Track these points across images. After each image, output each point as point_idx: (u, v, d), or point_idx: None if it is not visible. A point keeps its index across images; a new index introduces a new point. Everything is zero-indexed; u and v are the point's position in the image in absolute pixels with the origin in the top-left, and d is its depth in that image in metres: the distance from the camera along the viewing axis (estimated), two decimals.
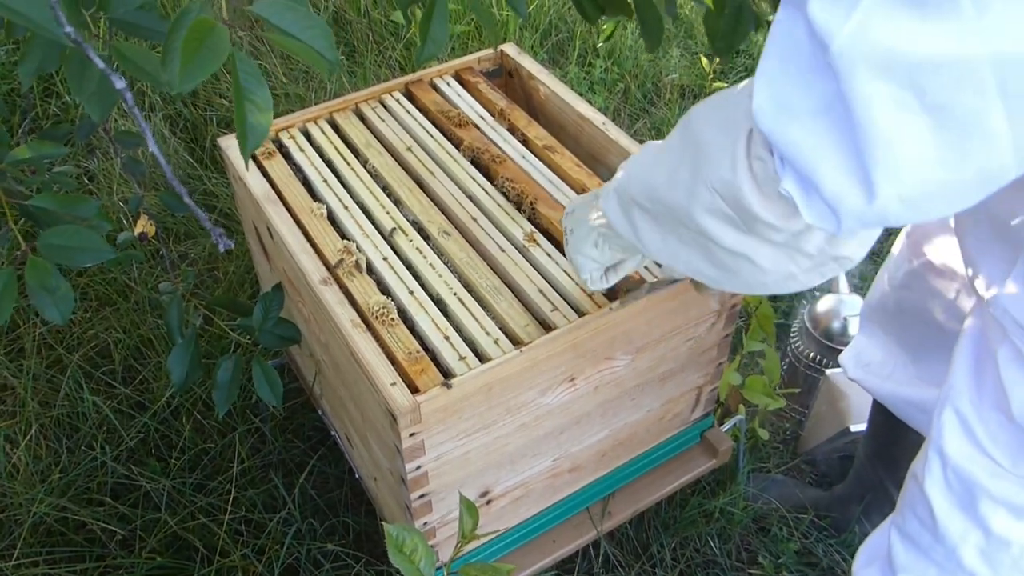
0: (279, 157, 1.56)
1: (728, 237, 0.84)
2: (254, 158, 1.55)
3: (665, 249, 0.97)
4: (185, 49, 0.69)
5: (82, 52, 0.98)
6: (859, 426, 1.85)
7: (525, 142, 1.59)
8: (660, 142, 0.97)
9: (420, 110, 1.67)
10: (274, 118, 1.63)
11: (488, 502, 1.39)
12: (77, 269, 2.10)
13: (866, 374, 1.57)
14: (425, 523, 1.33)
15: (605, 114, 1.60)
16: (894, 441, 1.66)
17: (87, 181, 2.39)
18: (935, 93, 0.61)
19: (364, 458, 1.53)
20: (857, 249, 0.82)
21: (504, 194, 1.48)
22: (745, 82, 0.82)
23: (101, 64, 0.61)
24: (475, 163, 1.55)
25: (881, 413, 1.67)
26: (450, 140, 1.60)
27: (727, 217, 0.82)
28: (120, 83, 0.61)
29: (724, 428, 1.73)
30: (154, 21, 1.02)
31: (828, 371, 1.93)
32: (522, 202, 1.45)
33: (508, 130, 1.61)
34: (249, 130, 0.75)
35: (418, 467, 1.23)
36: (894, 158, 0.64)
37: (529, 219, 1.44)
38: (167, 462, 1.79)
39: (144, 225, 1.68)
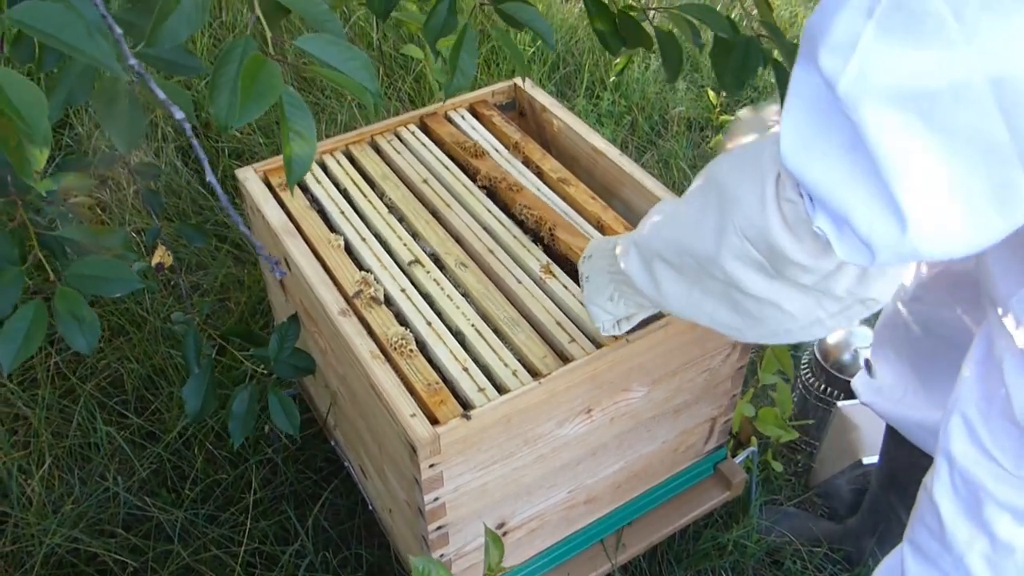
0: (296, 188, 1.57)
1: (756, 284, 0.86)
2: (271, 189, 1.56)
3: (688, 303, 0.99)
4: (243, 85, 0.71)
5: (119, 84, 0.99)
6: (871, 458, 1.85)
7: (540, 174, 1.60)
8: (677, 199, 1.00)
9: (435, 142, 1.68)
10: None
11: (504, 534, 1.39)
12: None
13: (878, 398, 1.58)
14: (442, 555, 1.33)
15: (612, 146, 1.62)
16: (907, 470, 1.66)
17: (99, 211, 2.40)
18: (940, 117, 0.66)
19: (379, 490, 1.53)
20: (884, 289, 0.83)
21: (522, 221, 1.49)
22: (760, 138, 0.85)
23: (162, 95, 0.62)
24: (492, 192, 1.56)
25: (894, 441, 1.67)
26: (466, 171, 1.61)
27: (756, 263, 0.84)
28: (179, 114, 0.63)
29: (737, 460, 1.73)
30: (186, 56, 1.04)
31: (839, 403, 1.94)
32: (540, 229, 1.47)
33: (523, 163, 1.63)
34: (295, 160, 0.76)
35: (436, 498, 1.23)
36: (915, 184, 0.67)
37: (548, 245, 1.46)
38: (179, 493, 1.79)
39: (161, 255, 1.69)
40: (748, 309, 0.91)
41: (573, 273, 1.40)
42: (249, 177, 1.58)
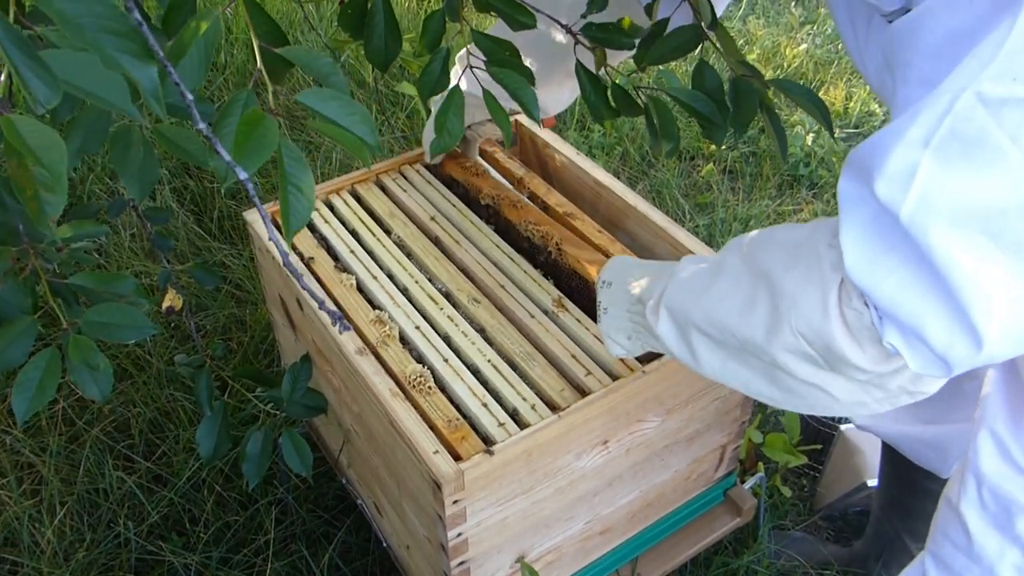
0: (304, 229, 1.59)
1: (804, 371, 0.88)
2: (279, 230, 1.57)
3: (724, 371, 1.00)
4: (237, 141, 0.73)
5: (134, 132, 1.01)
6: (875, 480, 1.87)
7: (546, 209, 1.63)
8: (707, 265, 1.01)
9: (441, 180, 1.71)
10: None
11: None
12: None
13: (873, 420, 1.60)
14: None
15: (616, 179, 1.65)
16: (906, 492, 1.68)
17: (97, 255, 2.41)
18: (1008, 235, 0.70)
19: (395, 526, 1.53)
20: (936, 384, 0.86)
21: (529, 237, 1.51)
22: (811, 225, 0.89)
23: (228, 157, 0.64)
24: (495, 210, 1.58)
25: (890, 464, 1.70)
26: (468, 192, 1.63)
27: (808, 356, 0.86)
28: (243, 175, 0.64)
29: (746, 486, 1.75)
30: (206, 111, 1.06)
31: (842, 426, 1.96)
32: (548, 244, 1.48)
33: (528, 198, 1.65)
34: (293, 214, 0.77)
35: (459, 534, 1.24)
36: (988, 300, 0.71)
37: (555, 261, 1.47)
38: (191, 536, 1.78)
39: (172, 299, 1.70)
40: (790, 387, 0.92)
41: (583, 306, 1.42)
42: (257, 219, 1.59)
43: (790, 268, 0.87)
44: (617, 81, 1.20)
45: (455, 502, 1.19)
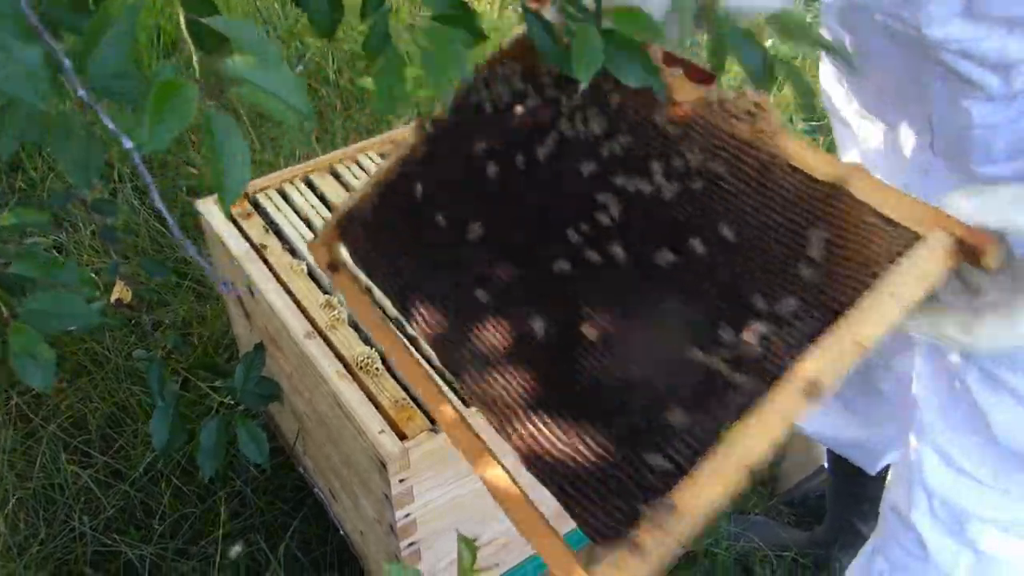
0: (256, 217, 1.59)
1: None
2: (230, 217, 1.57)
3: None
4: (153, 109, 0.73)
5: (75, 118, 1.01)
6: None
7: None
8: None
9: None
10: (250, 180, 1.66)
11: (477, 548, 1.39)
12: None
13: (807, 422, 1.62)
14: (418, 572, 1.33)
15: None
16: (852, 483, 1.70)
17: (55, 252, 2.39)
18: None
19: (349, 512, 1.53)
20: None
21: None
22: None
23: (112, 124, 0.63)
24: None
25: (831, 456, 1.71)
26: None
27: None
28: (128, 143, 0.64)
29: None
30: (130, 86, 1.05)
31: None
32: None
33: None
34: (227, 181, 0.77)
35: (407, 515, 1.24)
36: None
37: None
38: (148, 530, 1.77)
39: (120, 291, 1.70)
40: None
41: None
42: (210, 210, 1.59)
43: None
44: None
45: (401, 481, 1.19)
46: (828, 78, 1.18)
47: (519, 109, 0.92)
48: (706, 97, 0.79)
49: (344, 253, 0.99)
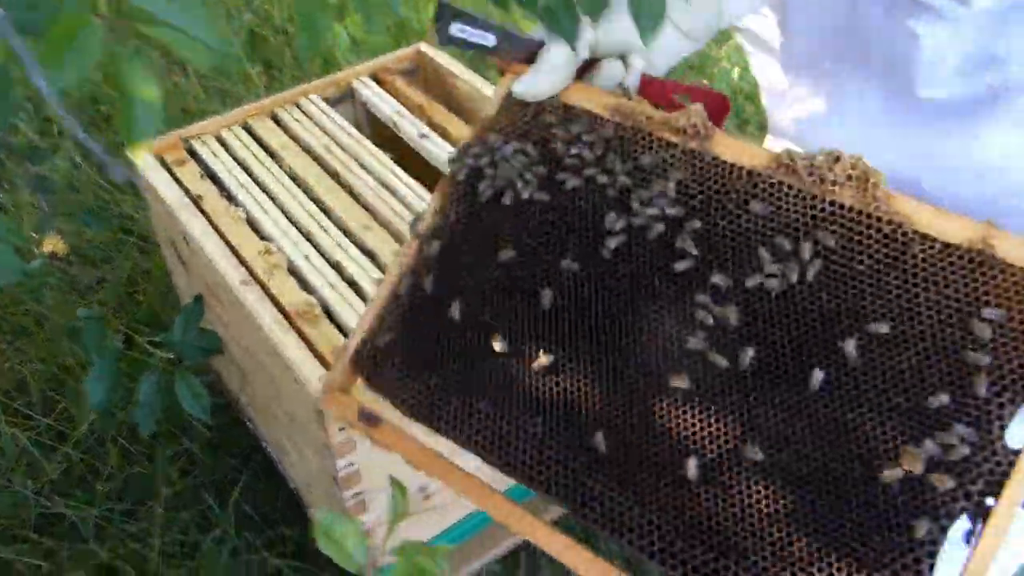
0: (192, 164, 1.52)
1: None
2: (165, 166, 1.51)
3: None
4: (51, 47, 0.66)
5: None
6: None
7: (445, 136, 1.57)
8: None
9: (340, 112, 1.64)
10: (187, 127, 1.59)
11: (426, 497, 1.35)
12: None
13: None
14: (362, 523, 1.29)
15: None
16: None
17: None
18: None
19: (297, 466, 1.49)
20: None
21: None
22: None
23: (24, 52, 0.57)
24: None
25: None
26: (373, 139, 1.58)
27: None
28: (40, 81, 0.58)
29: None
30: (39, 19, 0.98)
31: None
32: None
33: (428, 125, 1.59)
34: (134, 122, 0.71)
35: (350, 464, 1.20)
36: None
37: None
38: (93, 492, 1.72)
39: (54, 244, 1.63)
40: None
41: None
42: (143, 157, 1.52)
43: None
44: None
45: (341, 429, 1.14)
46: (758, 55, 1.10)
47: (547, 195, 0.75)
48: (781, 160, 0.69)
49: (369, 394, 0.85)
